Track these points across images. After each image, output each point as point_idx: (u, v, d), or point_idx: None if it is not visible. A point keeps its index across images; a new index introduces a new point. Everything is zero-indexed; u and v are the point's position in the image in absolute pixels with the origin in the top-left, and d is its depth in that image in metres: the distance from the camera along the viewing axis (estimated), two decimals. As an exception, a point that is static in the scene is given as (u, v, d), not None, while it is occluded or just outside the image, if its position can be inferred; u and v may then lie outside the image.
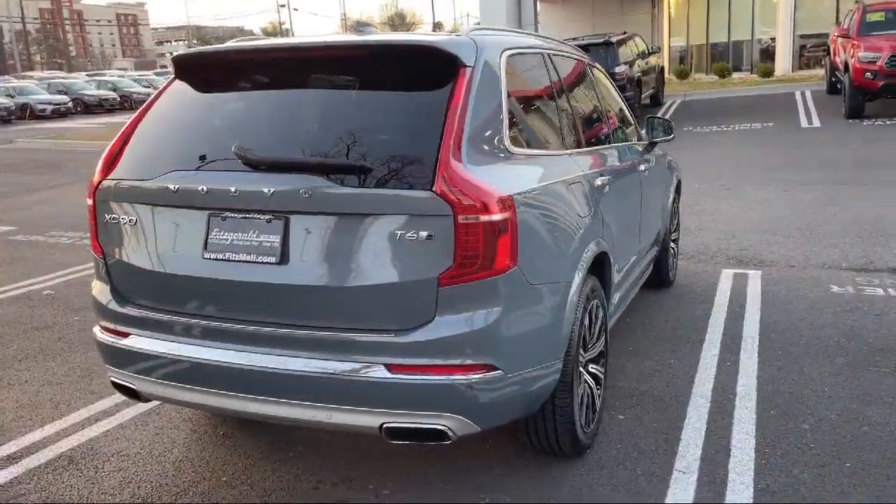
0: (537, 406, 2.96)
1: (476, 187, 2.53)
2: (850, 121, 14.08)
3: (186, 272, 2.83)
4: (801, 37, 22.71)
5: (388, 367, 2.58)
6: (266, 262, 2.69)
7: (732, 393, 3.98)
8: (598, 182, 3.59)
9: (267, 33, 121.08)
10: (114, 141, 3.12)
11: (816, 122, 14.49)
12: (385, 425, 2.62)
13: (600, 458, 3.34)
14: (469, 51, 2.83)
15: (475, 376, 2.58)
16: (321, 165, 2.63)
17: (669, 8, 26.81)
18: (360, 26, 3.35)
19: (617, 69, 14.71)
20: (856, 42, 13.86)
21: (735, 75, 23.68)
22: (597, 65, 4.79)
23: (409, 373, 2.57)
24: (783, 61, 22.93)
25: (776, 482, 3.09)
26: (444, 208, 2.49)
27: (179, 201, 2.82)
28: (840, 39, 15.13)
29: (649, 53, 17.46)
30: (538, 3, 25.19)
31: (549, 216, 2.96)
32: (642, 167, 4.74)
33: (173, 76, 3.22)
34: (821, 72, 21.28)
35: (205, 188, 2.75)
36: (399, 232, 2.54)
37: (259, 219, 2.70)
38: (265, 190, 2.65)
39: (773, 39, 23.59)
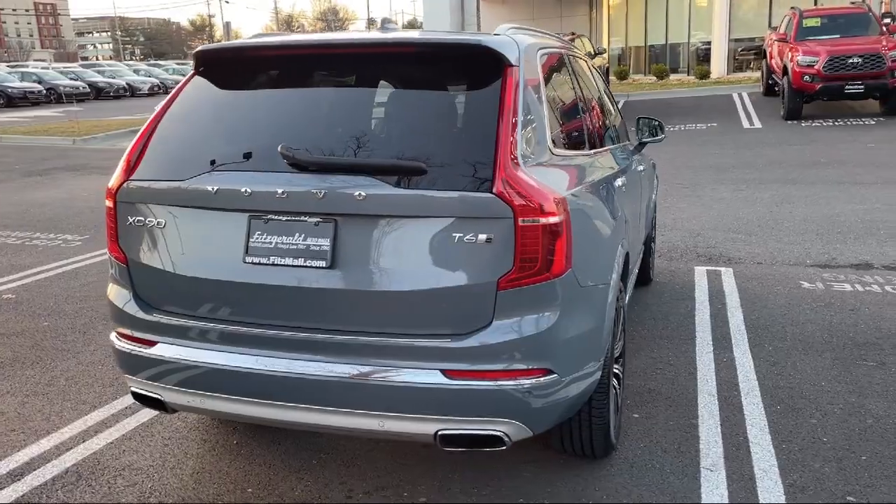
0: (578, 408, 2.96)
1: (534, 189, 2.50)
2: (790, 122, 14.63)
3: (226, 277, 2.71)
4: (734, 41, 23.49)
5: (445, 372, 2.52)
6: (315, 267, 2.60)
7: (736, 389, 4.07)
8: (618, 182, 3.62)
9: (195, 26, 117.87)
10: (134, 141, 2.96)
11: (757, 124, 15.00)
12: (440, 432, 2.57)
13: (627, 458, 3.37)
14: (513, 50, 2.80)
15: (533, 380, 2.55)
16: (375, 166, 2.56)
17: (608, 10, 27.31)
18: (385, 23, 3.28)
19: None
20: (794, 46, 14.42)
21: (673, 77, 24.31)
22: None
23: (467, 378, 2.52)
24: (718, 64, 23.69)
25: (802, 477, 3.18)
26: (505, 210, 2.45)
27: (218, 203, 2.70)
28: (778, 43, 15.72)
29: (595, 55, 17.75)
30: (480, 1, 25.31)
31: (592, 218, 2.96)
32: (641, 167, 4.80)
33: (193, 72, 3.08)
34: (754, 74, 22.08)
35: (248, 190, 2.63)
36: (457, 235, 2.49)
37: (306, 221, 2.61)
38: (316, 192, 2.56)
39: (708, 43, 24.35)
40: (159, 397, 2.89)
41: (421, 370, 2.54)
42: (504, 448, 2.64)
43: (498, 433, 2.57)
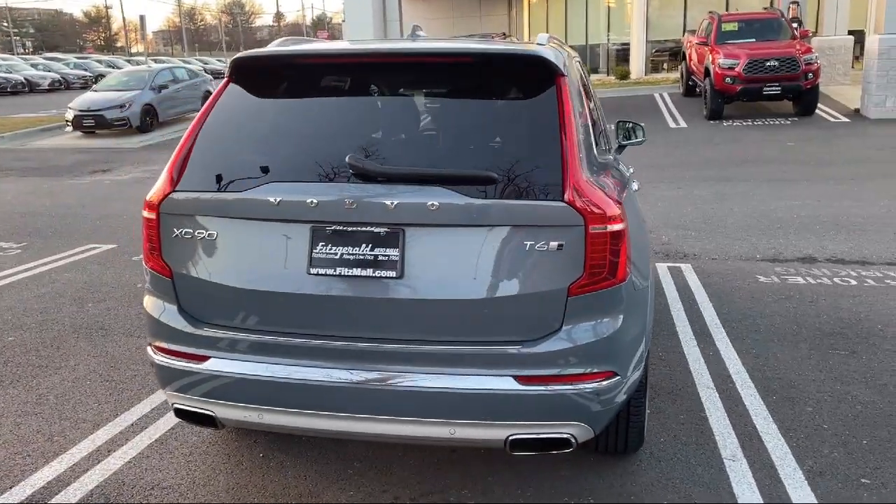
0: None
1: (600, 197, 2.58)
2: (712, 122, 15.33)
3: (289, 289, 2.67)
4: (650, 42, 24.39)
5: (518, 378, 2.57)
6: (384, 277, 2.60)
7: (731, 381, 4.28)
8: (635, 185, 3.75)
9: (91, 18, 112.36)
10: (175, 152, 2.87)
11: (682, 123, 15.63)
12: (511, 437, 2.62)
13: (652, 453, 3.50)
14: (560, 59, 2.87)
15: (601, 383, 2.64)
16: (446, 176, 2.58)
17: (528, 10, 27.81)
18: (415, 31, 3.29)
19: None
20: (715, 49, 15.12)
21: (594, 77, 24.99)
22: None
23: (539, 384, 2.58)
24: (637, 65, 24.52)
25: (817, 463, 3.39)
26: (576, 218, 2.52)
27: (279, 214, 2.65)
28: (698, 46, 16.43)
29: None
30: (403, -1, 25.29)
31: (635, 222, 3.07)
32: (631, 169, 4.97)
33: (227, 79, 3.00)
34: (671, 75, 22.98)
35: (314, 200, 2.60)
36: (528, 243, 2.54)
37: (373, 231, 2.60)
38: (387, 202, 2.55)
39: (626, 44, 25.16)
40: (211, 413, 2.81)
41: (493, 377, 2.58)
42: (570, 450, 2.71)
43: (566, 436, 2.64)
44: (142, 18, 28.05)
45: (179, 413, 2.92)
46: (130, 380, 4.41)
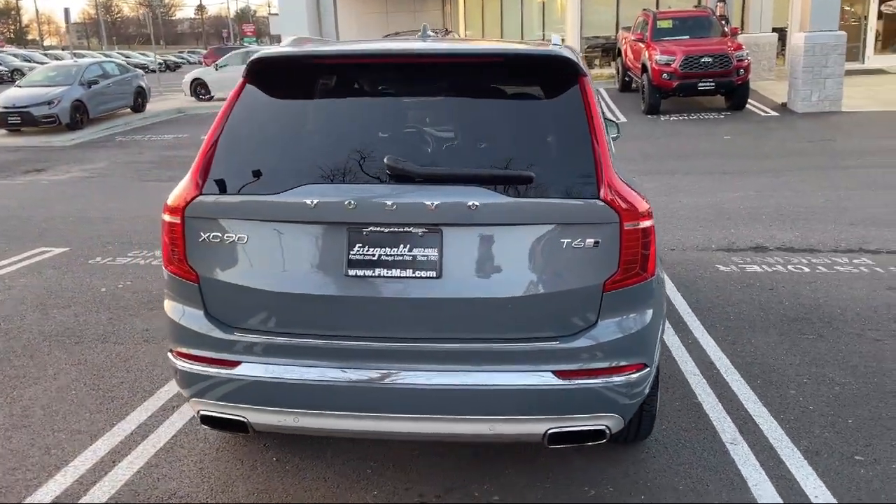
0: None
1: (631, 194, 2.67)
2: (650, 116, 15.77)
3: (326, 291, 2.66)
4: (584, 39, 24.84)
5: (556, 373, 2.64)
6: (423, 277, 2.62)
7: (715, 368, 4.46)
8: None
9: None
10: (198, 155, 2.81)
11: (622, 118, 16.01)
12: (550, 431, 2.68)
13: (657, 440, 3.63)
14: (578, 59, 2.94)
15: (634, 375, 2.73)
16: (485, 176, 2.61)
17: (464, 5, 27.94)
18: (426, 30, 3.31)
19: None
20: (652, 46, 15.55)
21: (529, 71, 25.25)
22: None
23: (577, 378, 2.65)
24: (570, 60, 24.84)
25: (812, 443, 3.58)
26: (612, 216, 2.60)
27: (315, 217, 2.63)
28: (634, 43, 16.86)
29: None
30: (337, -7, 25.05)
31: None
32: None
33: (244, 80, 2.95)
34: (604, 71, 23.49)
35: (352, 202, 2.59)
36: (565, 240, 2.60)
37: (411, 232, 2.62)
38: (428, 203, 2.57)
39: (562, 40, 25.45)
40: (243, 419, 2.78)
41: (533, 373, 2.64)
42: (604, 441, 2.79)
43: (602, 427, 2.73)
44: (66, 11, 26.79)
45: (206, 420, 2.87)
46: (118, 388, 4.29)
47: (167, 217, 2.80)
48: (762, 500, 3.13)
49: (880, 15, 20.17)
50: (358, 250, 2.64)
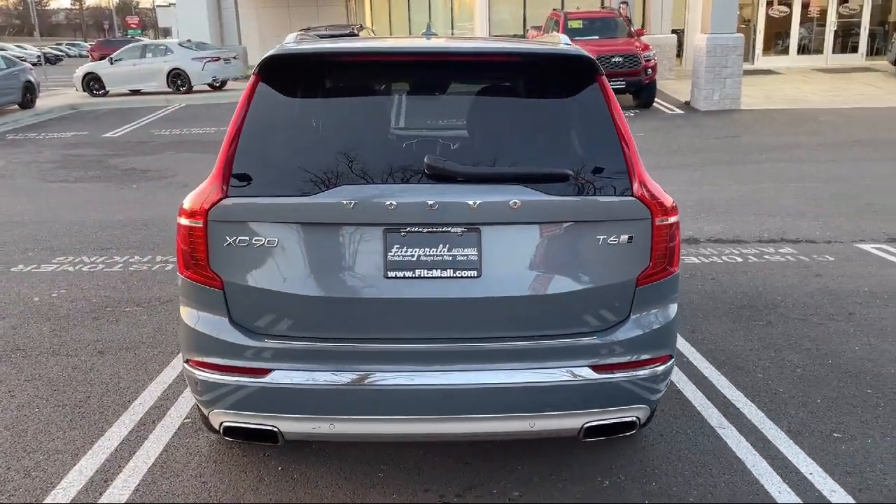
0: None
1: (659, 191, 2.75)
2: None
3: (365, 294, 2.60)
4: (493, 37, 25.21)
5: (594, 367, 2.69)
6: (463, 277, 2.60)
7: (684, 356, 4.65)
8: None
9: None
10: (220, 157, 2.68)
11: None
12: (587, 425, 2.73)
13: (651, 428, 3.75)
14: (594, 58, 2.99)
15: (663, 366, 2.81)
16: (524, 175, 2.62)
17: (370, 3, 27.74)
18: (428, 31, 3.28)
19: (363, 61, 15.03)
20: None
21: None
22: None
23: (612, 371, 2.71)
24: (478, 57, 25.09)
25: (791, 423, 3.79)
26: (644, 212, 2.67)
27: (352, 218, 2.57)
28: (544, 42, 17.20)
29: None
30: (238, -14, 24.39)
31: None
32: None
33: (256, 78, 2.82)
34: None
35: (393, 203, 2.54)
36: (601, 237, 2.65)
37: (450, 232, 2.59)
38: (470, 202, 2.56)
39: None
40: (274, 429, 2.68)
41: (572, 368, 2.68)
42: (633, 432, 2.87)
43: (633, 419, 2.80)
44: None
45: (231, 432, 2.75)
46: (85, 403, 4.03)
47: (186, 221, 2.65)
48: (764, 480, 3.29)
49: (766, 19, 21.49)
50: (396, 251, 2.59)
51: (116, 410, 3.93)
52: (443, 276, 2.61)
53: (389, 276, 2.60)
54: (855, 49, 21.82)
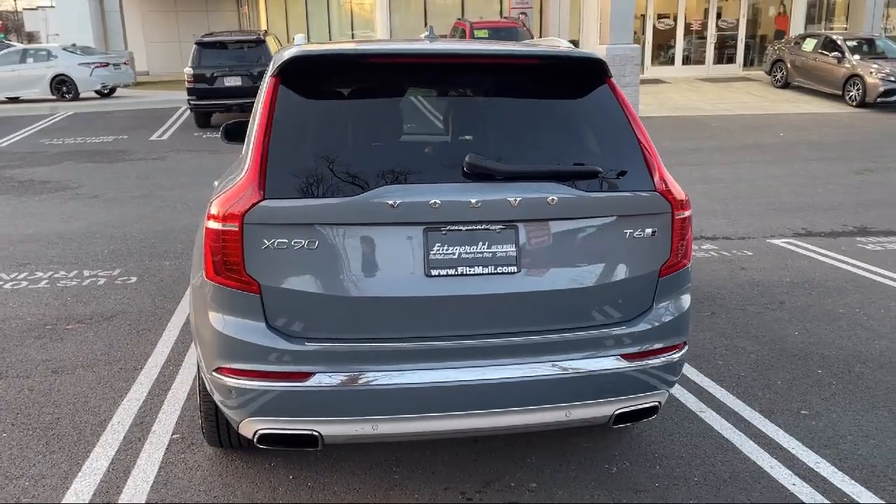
0: None
1: (675, 186, 2.91)
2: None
3: (408, 293, 2.60)
4: (393, 43, 25.21)
5: (624, 356, 2.81)
6: (503, 273, 2.66)
7: (646, 348, 4.88)
8: None
9: None
10: (253, 159, 2.62)
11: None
12: (618, 412, 2.84)
13: (638, 415, 3.92)
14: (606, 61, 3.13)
15: (678, 353, 2.97)
16: (559, 172, 2.71)
17: (266, 6, 27.19)
18: (431, 33, 3.33)
19: (272, 68, 14.75)
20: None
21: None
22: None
23: (640, 359, 2.84)
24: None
25: (761, 404, 4.06)
26: (666, 206, 2.82)
27: (395, 218, 2.57)
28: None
29: (283, 53, 17.69)
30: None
31: None
32: None
33: (276, 79, 2.78)
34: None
35: (437, 202, 2.57)
36: (628, 231, 2.78)
37: (489, 229, 2.65)
38: (511, 199, 2.62)
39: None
40: (314, 433, 2.63)
41: (604, 358, 2.79)
42: (654, 417, 3.01)
43: (655, 404, 2.94)
44: None
45: (266, 439, 2.69)
46: (56, 425, 3.79)
47: (218, 225, 2.57)
48: (754, 457, 3.52)
49: (654, 31, 22.68)
50: (438, 250, 2.62)
51: (94, 430, 3.72)
52: (483, 272, 2.66)
53: (432, 274, 2.62)
54: (732, 60, 23.38)
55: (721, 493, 3.22)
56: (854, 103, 17.27)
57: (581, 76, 3.03)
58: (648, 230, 2.81)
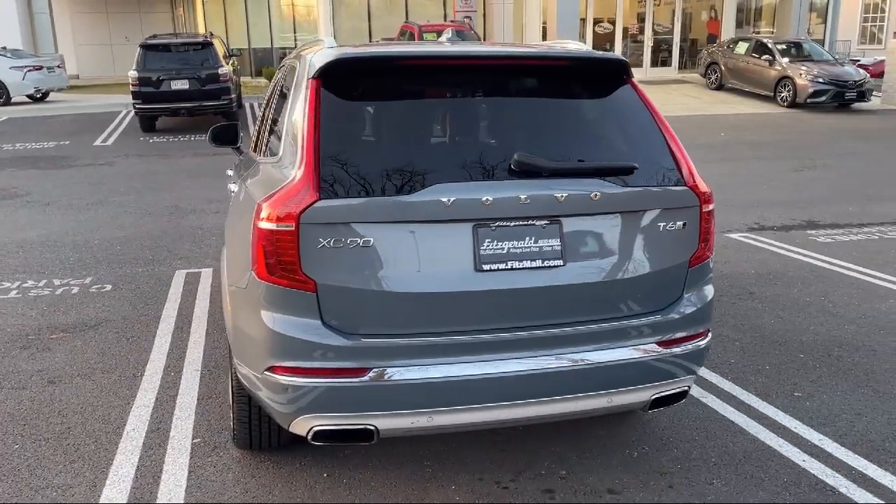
0: None
1: (700, 180, 3.07)
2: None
3: (460, 288, 2.68)
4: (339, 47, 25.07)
5: (660, 343, 2.95)
6: (550, 266, 2.76)
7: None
8: None
9: None
10: (305, 161, 2.66)
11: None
12: (654, 397, 2.98)
13: (646, 403, 4.08)
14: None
15: (704, 340, 3.13)
16: (600, 169, 2.84)
17: (203, 8, 26.65)
18: (453, 36, 3.42)
19: (220, 70, 14.56)
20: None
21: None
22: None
23: (675, 346, 3.00)
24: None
25: (756, 388, 4.28)
26: (694, 199, 2.98)
27: (448, 215, 2.64)
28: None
29: (229, 56, 17.44)
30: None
31: None
32: None
33: (316, 82, 2.82)
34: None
35: (489, 199, 2.65)
36: (661, 224, 2.92)
37: (535, 225, 2.75)
38: (557, 195, 2.72)
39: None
40: (370, 427, 2.68)
41: (643, 345, 2.93)
42: (683, 401, 3.16)
43: (685, 388, 3.10)
44: None
45: (321, 436, 2.72)
46: (69, 434, 3.71)
47: (273, 226, 2.60)
48: (762, 436, 3.72)
49: (594, 35, 23.24)
50: (487, 245, 2.71)
51: (110, 438, 3.66)
52: (531, 266, 2.76)
53: (483, 268, 2.71)
54: (667, 63, 24.16)
55: (741, 472, 3.40)
56: (785, 104, 18.10)
57: (606, 76, 3.16)
58: (679, 223, 2.96)
